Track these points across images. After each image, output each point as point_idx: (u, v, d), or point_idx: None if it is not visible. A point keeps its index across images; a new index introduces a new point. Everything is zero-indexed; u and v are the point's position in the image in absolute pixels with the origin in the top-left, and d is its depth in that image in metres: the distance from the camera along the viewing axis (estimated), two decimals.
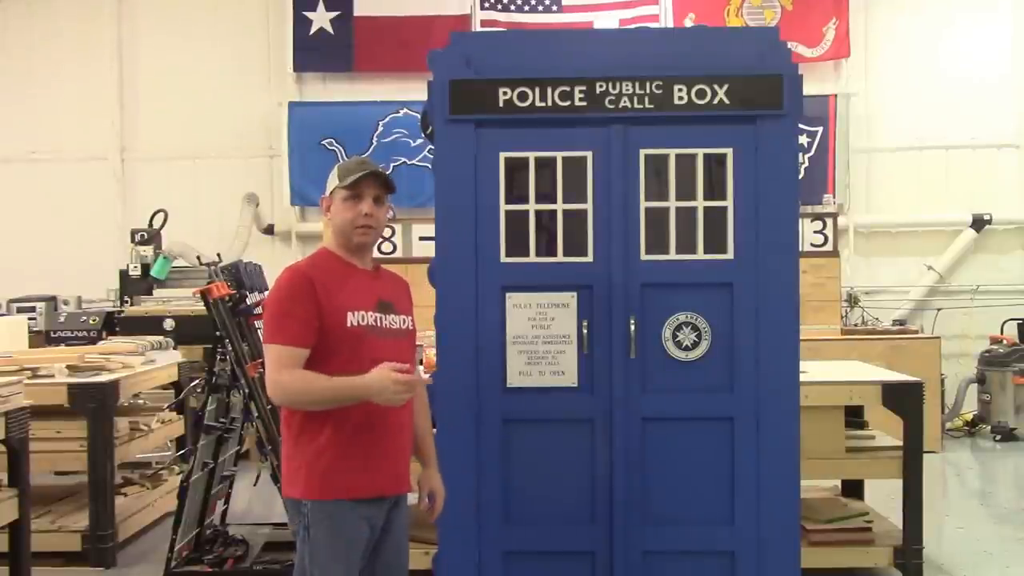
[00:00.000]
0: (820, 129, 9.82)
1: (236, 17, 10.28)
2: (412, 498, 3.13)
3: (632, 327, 3.40)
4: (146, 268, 8.38)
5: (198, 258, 8.33)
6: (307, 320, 2.75)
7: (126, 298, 8.40)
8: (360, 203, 2.87)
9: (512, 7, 9.98)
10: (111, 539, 5.24)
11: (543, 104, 3.40)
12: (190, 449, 5.14)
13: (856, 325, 9.18)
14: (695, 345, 3.44)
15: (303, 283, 2.79)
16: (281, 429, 2.94)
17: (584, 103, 3.40)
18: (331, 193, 2.92)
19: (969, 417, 9.14)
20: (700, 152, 3.43)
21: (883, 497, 5.50)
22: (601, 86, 3.39)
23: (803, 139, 9.60)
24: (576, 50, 3.53)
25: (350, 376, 2.72)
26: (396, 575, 3.01)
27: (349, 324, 2.80)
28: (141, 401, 6.44)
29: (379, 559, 2.96)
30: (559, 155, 3.44)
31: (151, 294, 8.34)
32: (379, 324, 2.89)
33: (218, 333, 4.76)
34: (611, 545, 3.43)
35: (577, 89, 3.39)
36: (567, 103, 3.40)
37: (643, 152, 3.43)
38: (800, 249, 3.53)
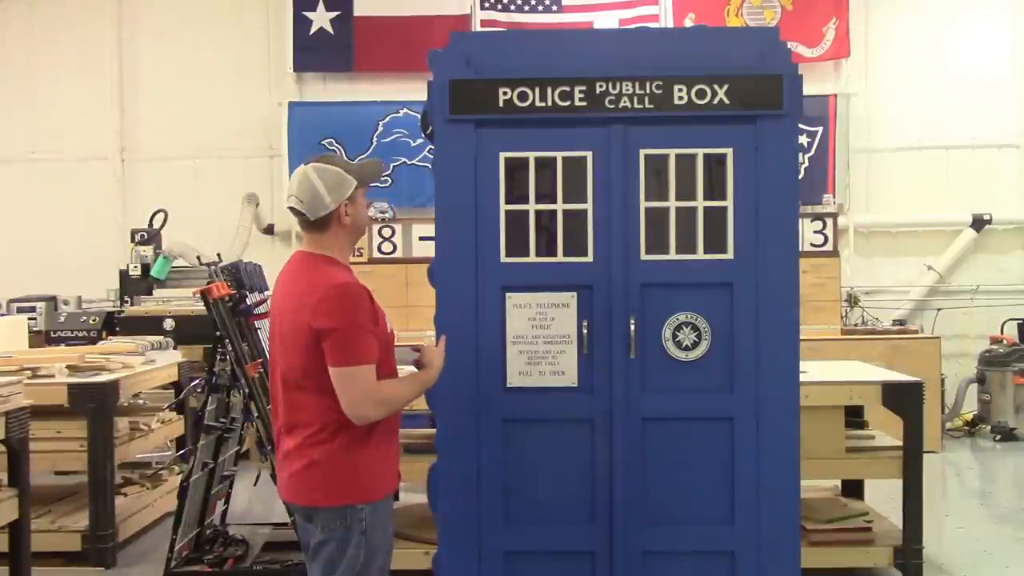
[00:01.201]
0: (820, 129, 9.81)
1: (236, 17, 10.28)
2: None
3: (632, 327, 3.40)
4: (146, 268, 8.38)
5: (198, 258, 8.34)
6: (374, 335, 2.84)
7: (126, 298, 8.40)
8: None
9: (512, 7, 9.98)
10: (111, 539, 5.24)
11: (543, 104, 3.40)
12: (190, 449, 5.14)
13: (856, 325, 9.18)
14: (695, 345, 3.44)
15: (367, 300, 2.84)
16: (296, 435, 2.86)
17: (584, 103, 3.40)
18: (351, 194, 2.92)
19: (969, 417, 9.14)
20: (700, 152, 3.43)
21: (883, 497, 5.50)
22: (601, 86, 3.39)
23: (803, 139, 9.60)
24: (576, 50, 3.52)
25: (417, 374, 2.98)
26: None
27: (389, 329, 2.96)
28: (141, 401, 6.44)
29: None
30: (559, 155, 3.44)
31: (151, 294, 8.34)
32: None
33: (218, 333, 4.76)
34: (611, 545, 3.43)
35: (577, 89, 3.39)
36: (567, 103, 3.40)
37: (643, 152, 3.43)
38: (800, 249, 3.52)
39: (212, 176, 10.21)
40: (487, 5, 9.95)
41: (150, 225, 8.70)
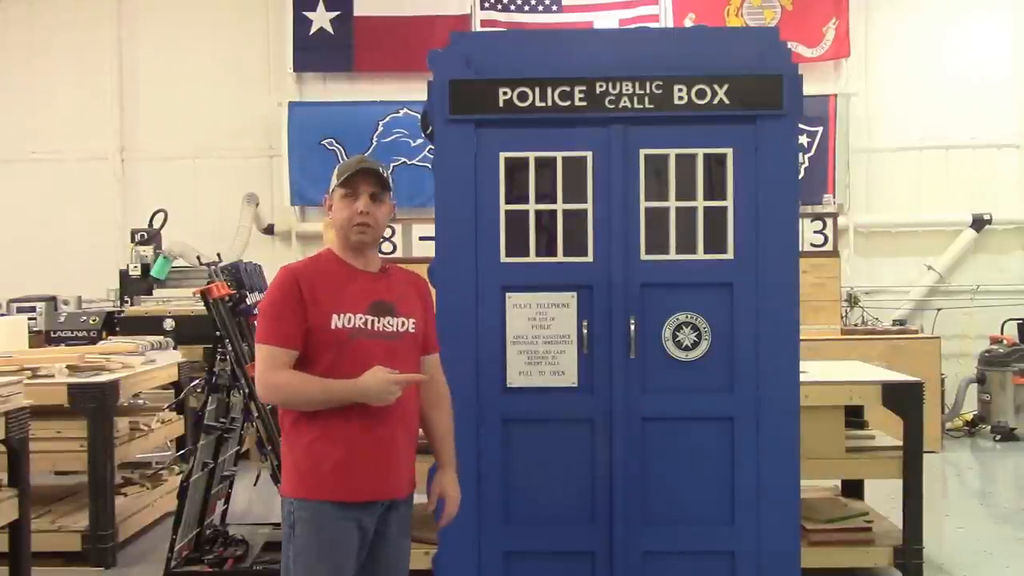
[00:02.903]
0: (820, 129, 9.81)
1: (236, 17, 10.28)
2: (421, 498, 3.12)
3: (632, 327, 3.40)
4: (146, 268, 8.38)
5: (198, 258, 8.33)
6: (296, 321, 2.76)
7: (126, 298, 8.40)
8: (356, 201, 2.86)
9: (512, 7, 9.98)
10: (111, 539, 5.24)
11: (543, 104, 3.40)
12: (190, 449, 5.14)
13: (856, 325, 9.17)
14: (695, 345, 3.44)
15: (290, 283, 2.81)
16: (283, 430, 2.96)
17: (584, 103, 3.40)
18: (331, 192, 2.93)
19: (969, 417, 9.14)
20: (700, 152, 3.43)
21: (883, 497, 5.50)
22: (601, 86, 3.39)
23: (803, 139, 9.60)
24: (576, 50, 3.53)
25: (339, 379, 2.75)
26: None
27: (333, 326, 2.79)
28: (141, 401, 6.43)
29: (377, 563, 2.95)
30: (559, 155, 3.44)
31: (151, 294, 8.34)
32: (369, 327, 2.84)
33: (218, 333, 4.76)
34: (611, 545, 3.43)
35: (577, 89, 3.39)
36: (567, 103, 3.40)
37: (643, 152, 3.43)
38: (800, 249, 3.53)
39: (212, 176, 10.21)
40: (487, 5, 9.95)
41: (150, 225, 8.70)
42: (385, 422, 2.83)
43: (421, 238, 8.61)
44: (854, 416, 5.33)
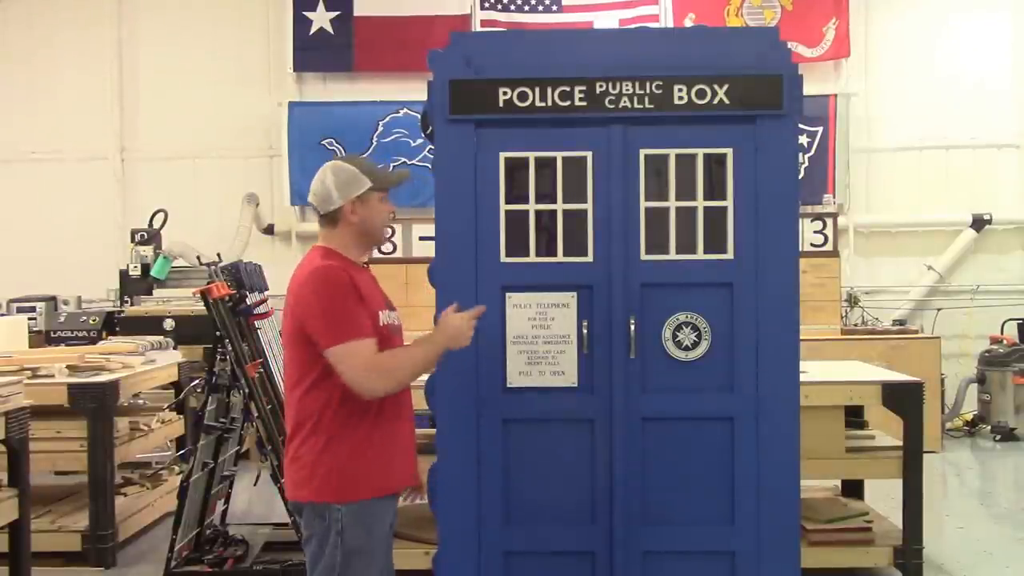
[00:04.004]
0: (820, 129, 9.81)
1: (236, 17, 10.28)
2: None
3: (632, 327, 3.40)
4: (146, 268, 8.39)
5: (198, 258, 8.34)
6: (364, 314, 2.81)
7: (126, 298, 8.41)
8: (388, 203, 3.03)
9: (512, 7, 9.98)
10: (111, 539, 5.24)
11: (543, 104, 3.40)
12: (190, 449, 5.14)
13: (856, 325, 9.18)
14: (695, 345, 3.43)
15: (347, 281, 2.82)
16: (293, 434, 2.90)
17: (584, 103, 3.39)
18: (360, 195, 2.95)
19: (969, 417, 9.14)
20: (700, 152, 3.42)
21: (883, 497, 5.50)
22: (601, 86, 3.39)
23: (803, 139, 9.60)
24: (576, 50, 3.52)
25: (422, 340, 2.88)
26: (389, 570, 3.04)
27: (381, 323, 2.89)
28: (141, 401, 6.44)
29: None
30: (559, 155, 3.44)
31: (151, 294, 8.35)
32: (394, 322, 3.01)
33: (218, 333, 4.76)
34: (611, 545, 3.43)
35: (577, 89, 3.39)
36: (567, 103, 3.40)
37: (643, 152, 3.43)
38: (800, 249, 3.52)
39: (212, 176, 10.21)
40: (487, 5, 9.95)
41: (150, 225, 8.70)
42: (404, 412, 2.96)
43: (421, 238, 8.62)
44: (854, 416, 5.34)
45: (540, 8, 9.98)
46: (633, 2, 9.91)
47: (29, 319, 7.47)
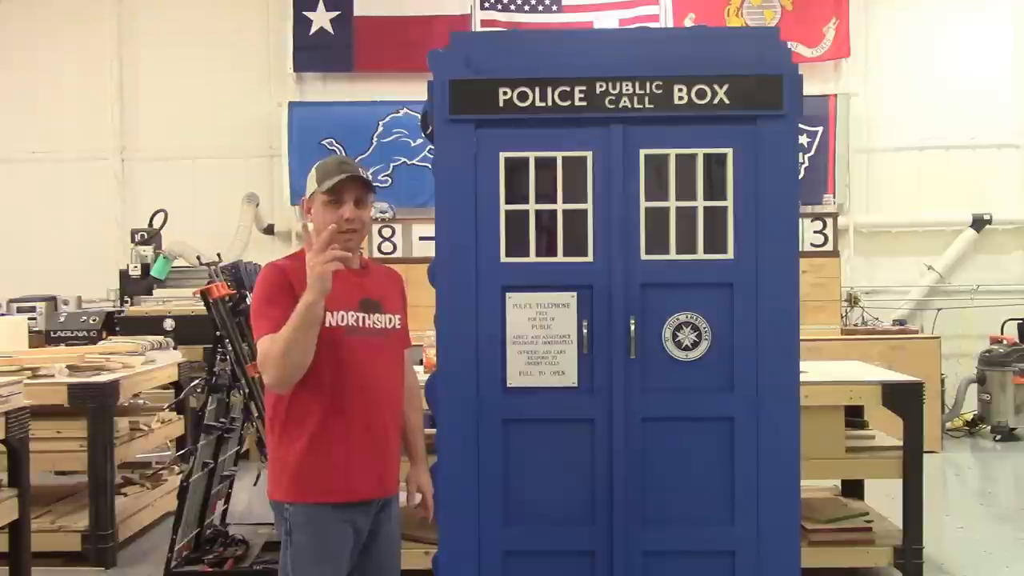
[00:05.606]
0: (820, 129, 9.82)
1: (236, 17, 10.29)
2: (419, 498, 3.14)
3: (632, 327, 3.40)
4: (146, 268, 8.39)
5: (198, 258, 8.35)
6: (290, 312, 2.66)
7: (126, 298, 8.41)
8: (341, 207, 2.82)
9: (512, 7, 9.99)
10: (111, 539, 5.24)
11: (543, 104, 3.40)
12: (190, 449, 5.14)
13: (856, 325, 9.18)
14: (695, 345, 3.43)
15: (281, 280, 2.75)
16: (266, 431, 2.94)
17: (584, 103, 3.39)
18: (311, 196, 2.88)
19: (969, 417, 9.15)
20: (700, 152, 3.42)
21: (883, 497, 5.50)
22: (601, 86, 3.39)
23: (803, 139, 9.61)
24: (576, 50, 3.52)
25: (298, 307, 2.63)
26: None
27: (328, 324, 2.75)
28: (141, 401, 6.44)
29: (370, 562, 2.96)
30: (559, 155, 3.43)
31: (151, 294, 8.35)
32: (360, 324, 2.85)
33: (218, 333, 4.76)
34: (611, 545, 3.43)
35: (577, 89, 3.39)
36: (567, 103, 3.40)
37: (643, 152, 3.42)
38: (800, 249, 3.52)
39: (212, 176, 10.21)
40: (487, 5, 9.95)
41: (150, 225, 8.70)
42: (380, 420, 2.86)
43: (421, 238, 8.62)
44: (854, 416, 5.34)
45: (540, 8, 9.98)
46: (633, 2, 9.92)
47: (29, 319, 7.48)
